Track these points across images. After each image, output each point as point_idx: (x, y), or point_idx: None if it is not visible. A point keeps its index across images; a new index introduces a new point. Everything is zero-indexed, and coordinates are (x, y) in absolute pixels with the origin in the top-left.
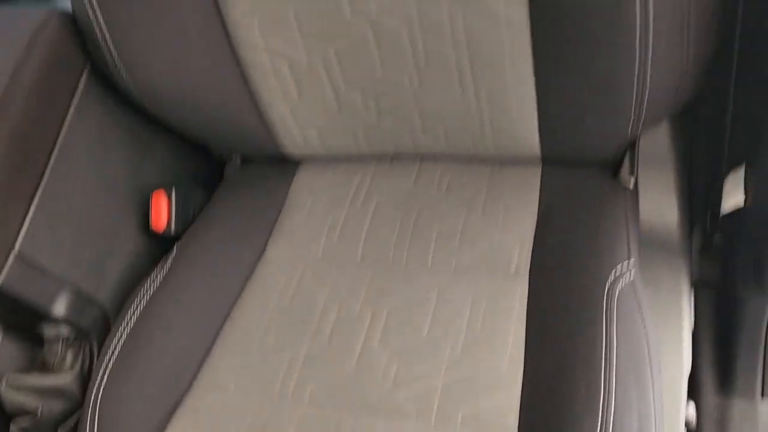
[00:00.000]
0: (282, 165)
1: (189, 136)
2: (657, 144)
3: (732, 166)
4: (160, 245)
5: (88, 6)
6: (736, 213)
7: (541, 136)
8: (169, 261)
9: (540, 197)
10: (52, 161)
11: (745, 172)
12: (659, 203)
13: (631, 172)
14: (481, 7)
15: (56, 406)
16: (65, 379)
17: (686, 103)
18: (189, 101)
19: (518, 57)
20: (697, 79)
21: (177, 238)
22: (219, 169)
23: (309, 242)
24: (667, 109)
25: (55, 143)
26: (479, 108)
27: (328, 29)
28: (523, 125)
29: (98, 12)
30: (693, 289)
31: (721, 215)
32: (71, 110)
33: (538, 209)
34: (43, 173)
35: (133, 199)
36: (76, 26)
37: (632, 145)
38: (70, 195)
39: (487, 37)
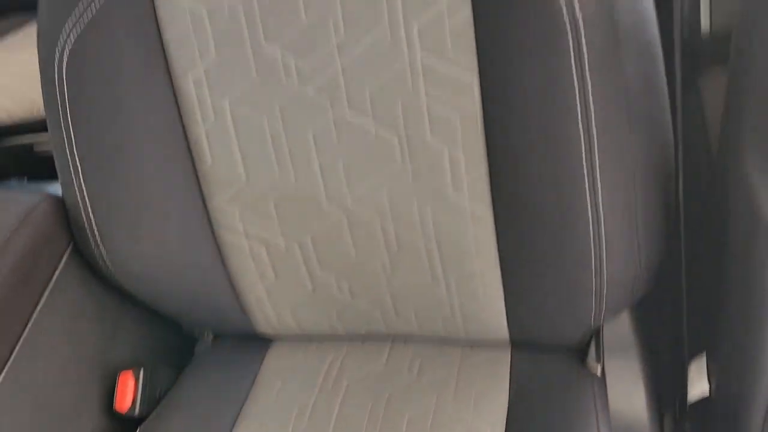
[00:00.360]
0: (254, 342)
1: (162, 313)
2: (621, 331)
3: (694, 353)
4: (122, 427)
5: (77, 191)
6: (703, 400)
7: (509, 322)
8: None
9: (510, 381)
10: (21, 341)
11: (707, 361)
12: (627, 391)
13: (598, 360)
14: (448, 202)
15: None
16: None
17: (644, 295)
18: (167, 282)
19: (484, 248)
20: (650, 276)
21: (141, 419)
22: (190, 345)
23: (277, 428)
24: (626, 302)
25: (27, 322)
26: (449, 293)
27: (306, 217)
28: (491, 311)
29: (87, 198)
30: None
31: (688, 404)
32: (48, 289)
33: (509, 394)
34: (10, 353)
35: (99, 378)
36: (64, 210)
37: (597, 333)
38: (35, 376)
39: (454, 229)
